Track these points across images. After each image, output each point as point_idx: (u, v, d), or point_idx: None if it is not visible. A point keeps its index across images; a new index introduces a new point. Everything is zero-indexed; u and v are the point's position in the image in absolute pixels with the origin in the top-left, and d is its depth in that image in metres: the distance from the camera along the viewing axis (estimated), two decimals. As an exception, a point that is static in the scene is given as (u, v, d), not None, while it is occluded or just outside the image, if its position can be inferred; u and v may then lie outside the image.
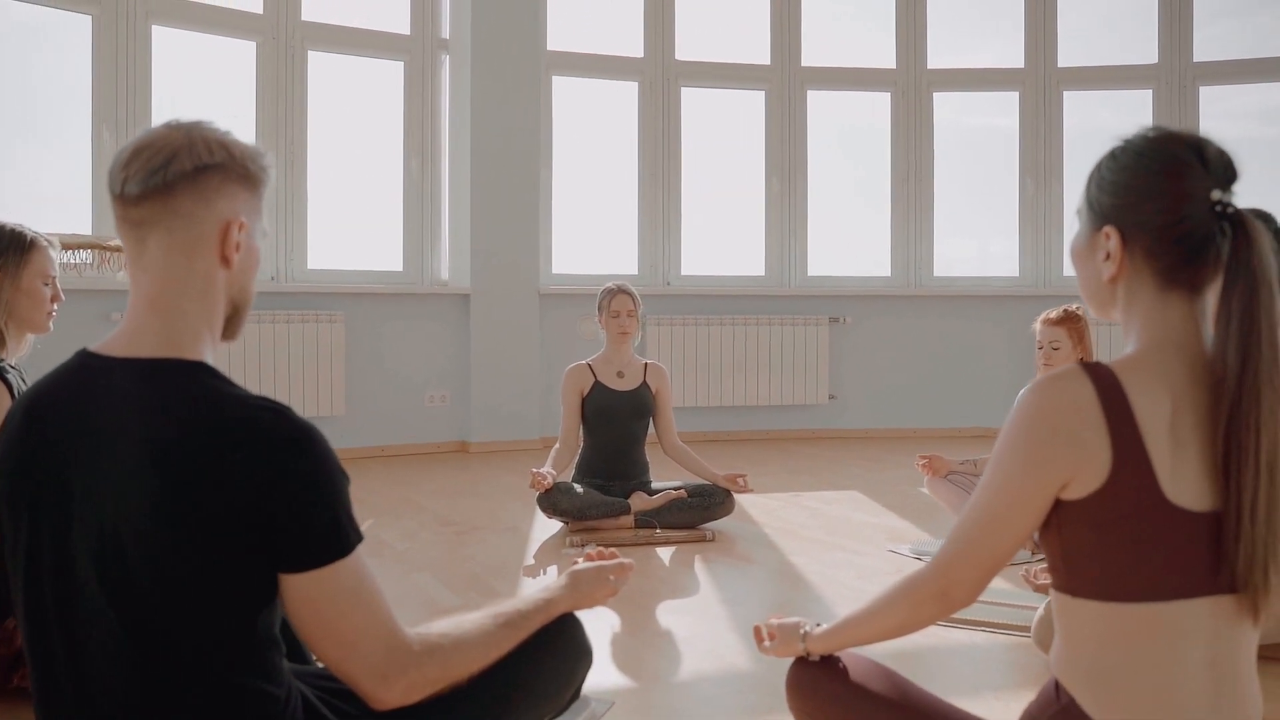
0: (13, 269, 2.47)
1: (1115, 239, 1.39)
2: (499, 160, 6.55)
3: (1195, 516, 1.31)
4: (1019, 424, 1.36)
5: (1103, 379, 1.33)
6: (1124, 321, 1.43)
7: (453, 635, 1.49)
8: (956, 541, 1.44)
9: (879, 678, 1.65)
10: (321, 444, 1.35)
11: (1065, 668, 1.40)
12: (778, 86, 7.28)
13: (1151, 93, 7.29)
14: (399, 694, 1.41)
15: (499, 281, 6.54)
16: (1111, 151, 1.43)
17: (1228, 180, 1.36)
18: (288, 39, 6.24)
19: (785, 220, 7.29)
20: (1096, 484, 1.31)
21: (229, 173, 1.41)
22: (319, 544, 1.33)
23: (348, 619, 1.36)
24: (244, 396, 1.36)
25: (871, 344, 7.21)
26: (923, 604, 1.49)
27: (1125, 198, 1.38)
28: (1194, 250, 1.35)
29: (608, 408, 4.29)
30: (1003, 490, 1.38)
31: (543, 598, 1.66)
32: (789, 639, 1.72)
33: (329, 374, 6.07)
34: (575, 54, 7.00)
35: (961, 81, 7.45)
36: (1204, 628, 1.32)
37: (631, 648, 2.81)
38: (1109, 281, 1.42)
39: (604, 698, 2.40)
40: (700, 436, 6.85)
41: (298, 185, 6.28)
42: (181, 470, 1.28)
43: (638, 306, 4.37)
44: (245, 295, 1.49)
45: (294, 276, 6.26)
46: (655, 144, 7.12)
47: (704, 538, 4.06)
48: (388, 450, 6.33)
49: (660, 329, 6.83)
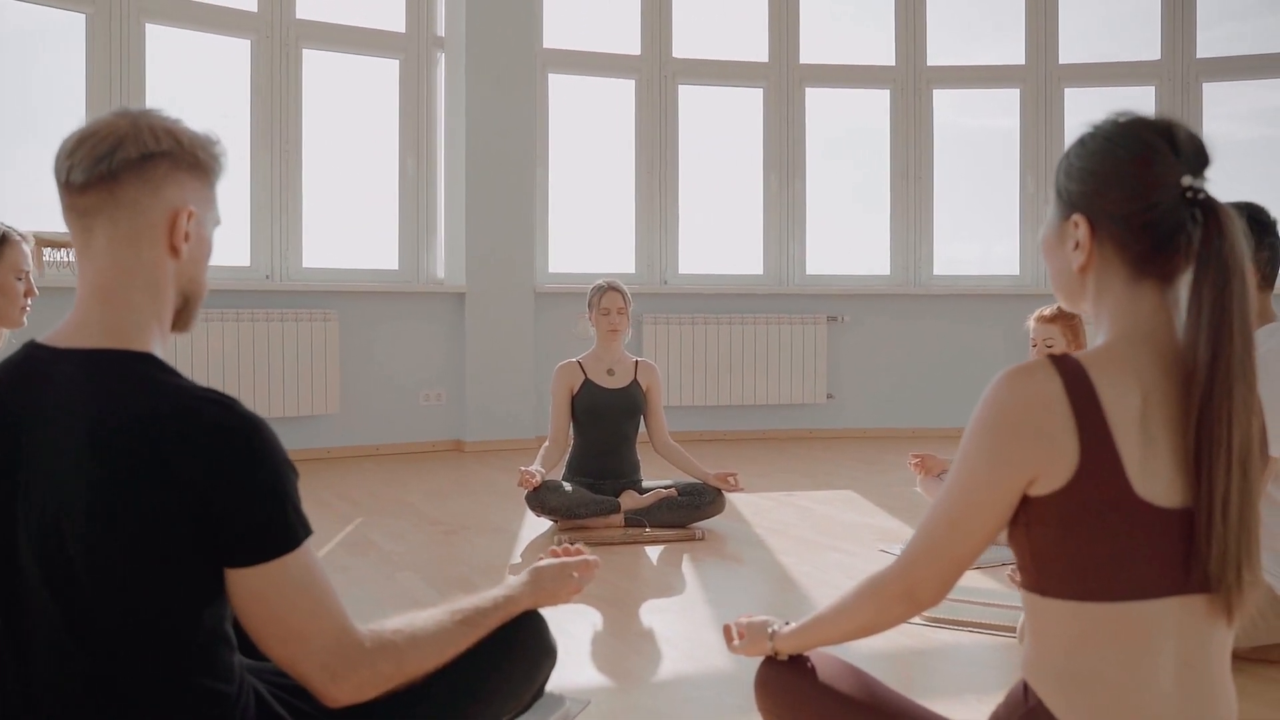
0: (-15, 264, 2.44)
1: (1084, 228, 1.35)
2: (494, 158, 6.52)
3: (1166, 513, 1.27)
4: (983, 419, 1.32)
5: (1070, 371, 1.30)
6: (1094, 313, 1.40)
7: (407, 632, 1.46)
8: (921, 540, 1.40)
9: (847, 678, 1.62)
10: (267, 436, 1.33)
11: (1034, 668, 1.36)
12: (776, 84, 7.24)
13: (1154, 89, 7.24)
14: (350, 691, 1.38)
15: (494, 280, 6.51)
16: (1080, 138, 1.40)
17: (1199, 166, 1.31)
18: (282, 37, 6.21)
19: (784, 218, 7.25)
20: (1063, 480, 1.27)
21: (177, 161, 1.38)
22: (263, 538, 1.30)
23: (295, 615, 1.33)
24: (188, 388, 1.33)
25: (870, 343, 7.17)
26: (888, 604, 1.45)
27: (1093, 185, 1.35)
28: (1164, 238, 1.31)
29: (597, 406, 4.26)
30: (966, 487, 1.34)
31: (503, 595, 1.63)
32: (757, 638, 1.69)
33: (323, 373, 6.04)
34: (571, 51, 6.97)
35: (962, 78, 7.40)
36: (1175, 628, 1.28)
37: (612, 647, 2.78)
38: (1079, 272, 1.38)
39: (580, 697, 2.36)
40: (697, 436, 6.82)
41: (292, 184, 6.25)
42: (122, 462, 1.26)
43: (628, 304, 4.34)
44: (196, 286, 1.46)
45: (289, 275, 6.23)
46: (653, 142, 7.08)
47: (693, 537, 4.03)
48: (382, 449, 6.30)
49: (657, 328, 6.79)
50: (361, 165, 6.66)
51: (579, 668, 2.61)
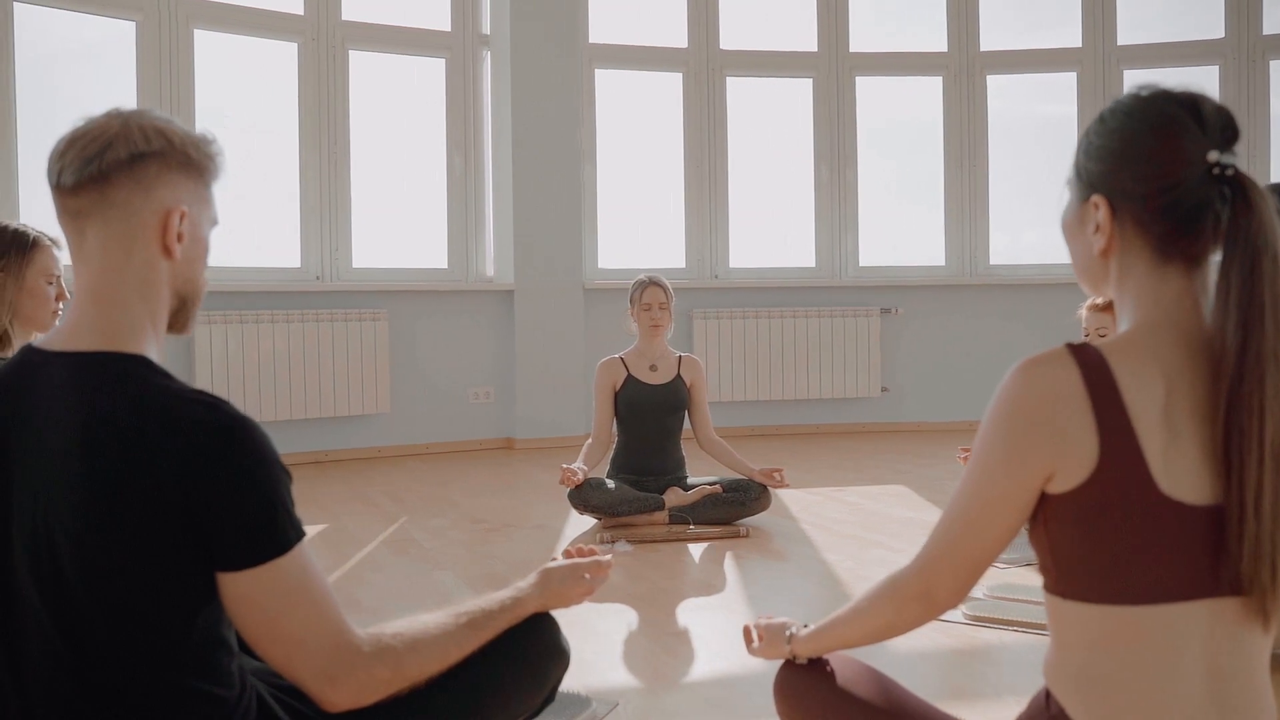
0: (16, 268, 2.47)
1: (1104, 209, 1.27)
2: (542, 155, 6.50)
3: (1193, 510, 1.19)
4: (998, 412, 1.26)
5: (1089, 361, 1.22)
6: (1117, 298, 1.32)
7: (407, 636, 1.43)
8: (938, 540, 1.34)
9: (867, 682, 1.56)
10: (258, 438, 1.30)
11: (1055, 675, 1.29)
12: (826, 74, 7.14)
13: (1218, 69, 7.01)
14: (348, 696, 1.36)
15: (543, 277, 6.50)
16: (1101, 114, 1.32)
17: (1227, 140, 1.23)
18: (329, 39, 6.26)
19: (835, 210, 7.15)
20: (1082, 476, 1.19)
21: (168, 160, 1.36)
22: (254, 542, 1.28)
23: (288, 619, 1.31)
24: (179, 390, 1.31)
25: (925, 335, 7.04)
26: (905, 606, 1.39)
27: (1113, 163, 1.27)
28: (1189, 218, 1.22)
29: (641, 402, 4.22)
30: (982, 485, 1.27)
31: (511, 596, 1.59)
32: (775, 641, 1.64)
33: (373, 372, 6.08)
34: (618, 46, 6.93)
35: (1017, 63, 7.23)
36: (1204, 633, 1.20)
37: (645, 647, 2.73)
38: (1100, 255, 1.30)
39: (608, 699, 2.32)
40: (750, 431, 6.76)
41: (341, 185, 6.30)
42: (112, 465, 1.24)
43: (670, 299, 4.29)
44: (192, 287, 1.44)
45: (339, 276, 6.28)
46: (701, 135, 7.02)
47: (738, 534, 3.97)
48: (432, 448, 6.32)
49: (708, 323, 6.73)
50: (409, 165, 6.69)
51: (610, 668, 2.57)
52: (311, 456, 5.99)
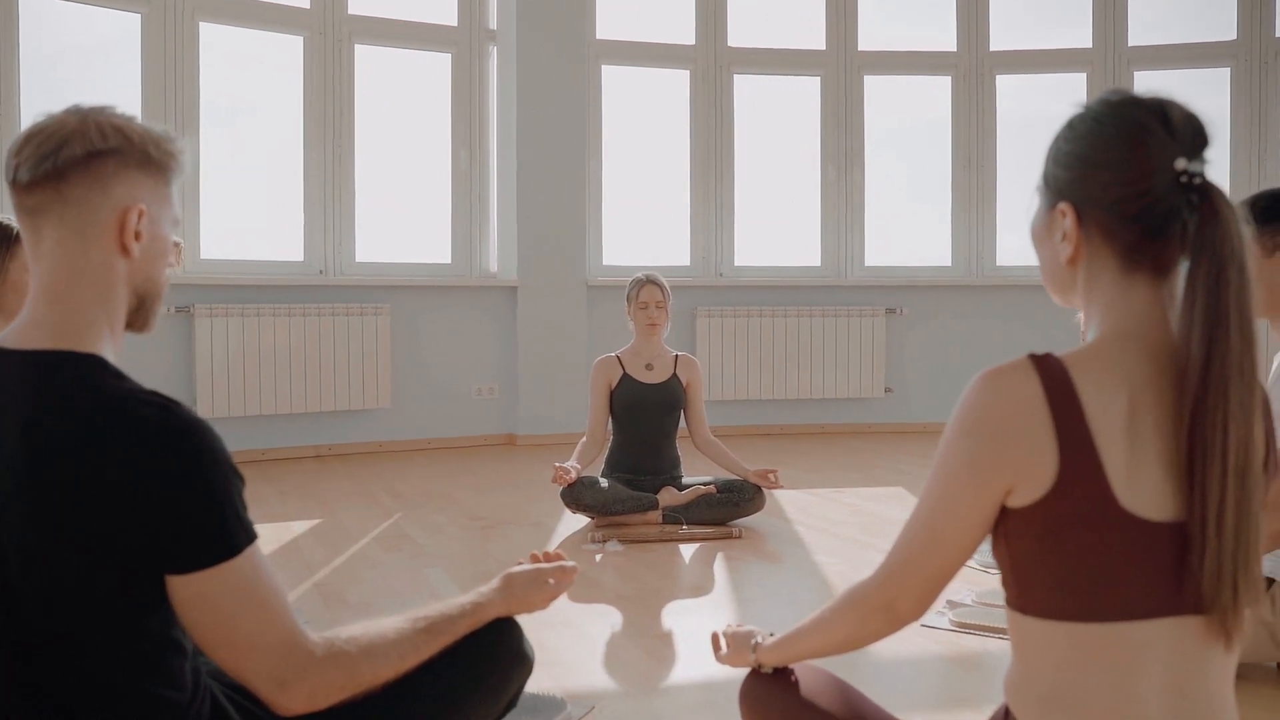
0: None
1: (1071, 217, 1.25)
2: (547, 151, 6.49)
3: (1155, 527, 1.16)
4: (958, 423, 1.24)
5: (1051, 372, 1.20)
6: (1085, 307, 1.30)
7: (362, 640, 1.41)
8: (899, 552, 1.32)
9: (831, 693, 1.54)
10: (208, 440, 1.29)
11: (1015, 692, 1.27)
12: (834, 72, 7.10)
13: (1230, 71, 6.95)
14: (300, 701, 1.34)
15: (547, 273, 6.48)
16: (1069, 120, 1.29)
17: (1196, 147, 1.20)
18: (335, 33, 6.25)
19: (841, 209, 7.11)
20: (1042, 490, 1.17)
21: (125, 158, 1.35)
22: (203, 545, 1.27)
23: (238, 623, 1.29)
24: (131, 391, 1.30)
25: (930, 336, 7.00)
26: (868, 618, 1.37)
27: (1080, 170, 1.24)
28: (1156, 227, 1.20)
29: (636, 401, 4.20)
30: (943, 497, 1.25)
31: (472, 601, 1.58)
32: (740, 649, 1.63)
33: (375, 367, 6.08)
34: (625, 42, 6.90)
35: (1026, 64, 7.18)
36: (1166, 651, 1.17)
37: (627, 649, 2.72)
38: (1067, 264, 1.28)
39: (585, 701, 2.31)
40: (753, 430, 6.74)
41: (345, 179, 6.30)
42: (58, 465, 1.23)
43: (667, 298, 4.27)
44: (152, 286, 1.42)
45: (342, 270, 6.28)
46: (707, 132, 6.99)
47: (731, 534, 3.95)
48: (434, 444, 6.32)
49: (712, 320, 6.71)
50: (414, 159, 6.69)
51: (590, 670, 2.56)
52: (313, 450, 5.99)
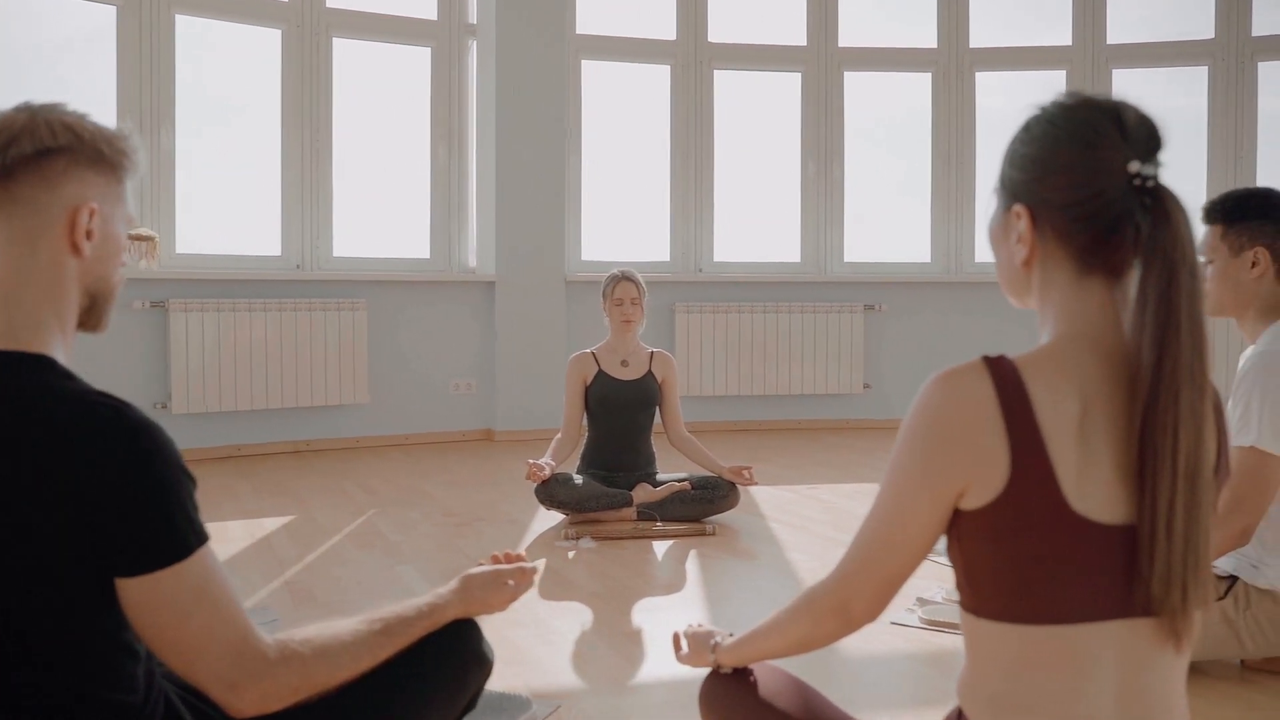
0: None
1: (1025, 219, 1.25)
2: (527, 146, 6.47)
3: (1105, 530, 1.16)
4: (911, 425, 1.23)
5: (1003, 375, 1.20)
6: (1040, 309, 1.30)
7: (316, 642, 1.41)
8: (854, 553, 1.32)
9: (789, 694, 1.54)
10: (158, 441, 1.28)
11: (967, 694, 1.27)
12: (814, 68, 7.10)
13: (1207, 69, 6.98)
14: (252, 703, 1.33)
15: (525, 269, 6.47)
16: (1025, 122, 1.29)
17: (1150, 150, 1.20)
18: (313, 26, 6.22)
19: (821, 205, 7.12)
20: (994, 492, 1.17)
21: (76, 156, 1.34)
22: (152, 547, 1.26)
23: (188, 625, 1.28)
24: (80, 391, 1.29)
25: (908, 332, 7.01)
26: (822, 620, 1.37)
27: (1034, 172, 1.25)
28: (1109, 229, 1.20)
29: (611, 398, 4.19)
30: (896, 499, 1.25)
31: (429, 603, 1.57)
32: (699, 649, 1.63)
33: (352, 362, 6.06)
34: (605, 37, 6.89)
35: (1006, 61, 7.19)
36: (1118, 654, 1.18)
37: (596, 647, 2.71)
38: (1022, 266, 1.28)
39: (550, 700, 2.30)
40: (731, 426, 6.74)
41: (323, 173, 6.26)
42: (7, 467, 1.22)
43: (642, 294, 4.26)
44: (104, 285, 1.41)
45: (319, 265, 6.25)
46: (688, 128, 6.99)
47: (704, 532, 3.95)
48: (411, 439, 6.30)
49: (691, 316, 6.71)
50: (393, 154, 6.66)
51: (558, 668, 2.56)
52: (290, 446, 5.97)
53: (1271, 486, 2.34)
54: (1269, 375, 2.35)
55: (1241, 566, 2.46)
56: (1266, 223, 2.45)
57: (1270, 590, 2.41)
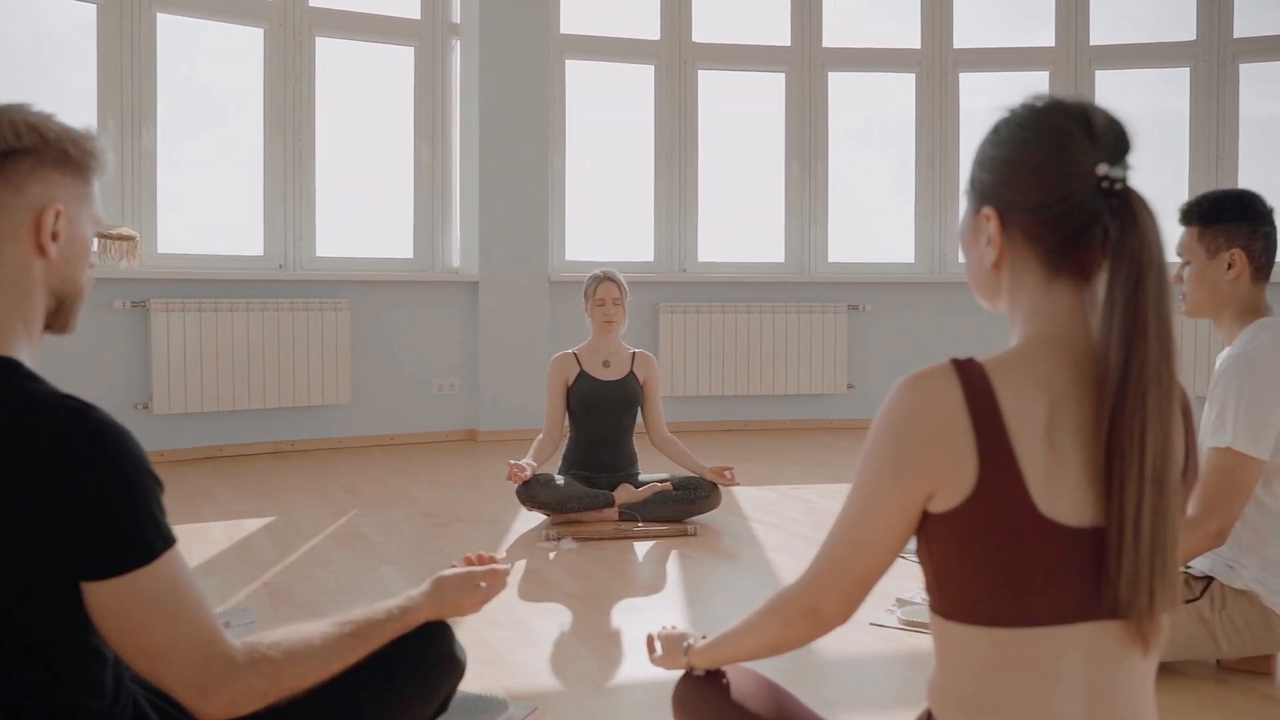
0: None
1: (995, 221, 1.26)
2: (510, 146, 6.46)
3: (1073, 532, 1.17)
4: (880, 428, 1.23)
5: (972, 378, 1.20)
6: (1009, 312, 1.30)
7: (285, 646, 1.40)
8: (824, 555, 1.32)
9: (762, 697, 1.54)
10: (123, 444, 1.27)
11: (937, 696, 1.27)
12: (798, 68, 7.10)
13: (1189, 71, 7.01)
14: (221, 707, 1.33)
15: (509, 269, 6.46)
16: (995, 124, 1.30)
17: (1118, 153, 1.20)
18: (295, 25, 6.19)
19: (805, 206, 7.12)
20: (962, 496, 1.17)
21: (42, 157, 1.33)
22: (118, 550, 1.25)
23: (155, 629, 1.28)
24: (45, 394, 1.28)
25: (892, 332, 7.03)
26: (793, 622, 1.37)
27: (1002, 174, 1.25)
28: (1077, 232, 1.20)
29: (593, 398, 4.19)
30: (864, 502, 1.25)
31: (400, 605, 1.57)
32: (673, 651, 1.63)
33: (334, 363, 6.03)
34: (589, 37, 6.88)
35: (989, 61, 7.21)
36: (1086, 656, 1.18)
37: (574, 648, 2.71)
38: (992, 268, 1.29)
39: (527, 702, 2.30)
40: (715, 426, 6.74)
41: (305, 173, 6.24)
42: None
43: (624, 295, 4.25)
44: (72, 287, 1.40)
45: (302, 264, 6.22)
46: (672, 128, 6.98)
47: (685, 532, 3.94)
48: (395, 440, 6.28)
49: (675, 316, 6.71)
50: (376, 154, 6.64)
51: (536, 670, 2.55)
52: (272, 447, 5.94)
53: (1246, 488, 2.35)
54: (1244, 377, 2.36)
55: (1217, 567, 2.47)
56: (1243, 224, 2.46)
57: (1246, 591, 2.42)
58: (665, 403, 4.36)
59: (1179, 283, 2.57)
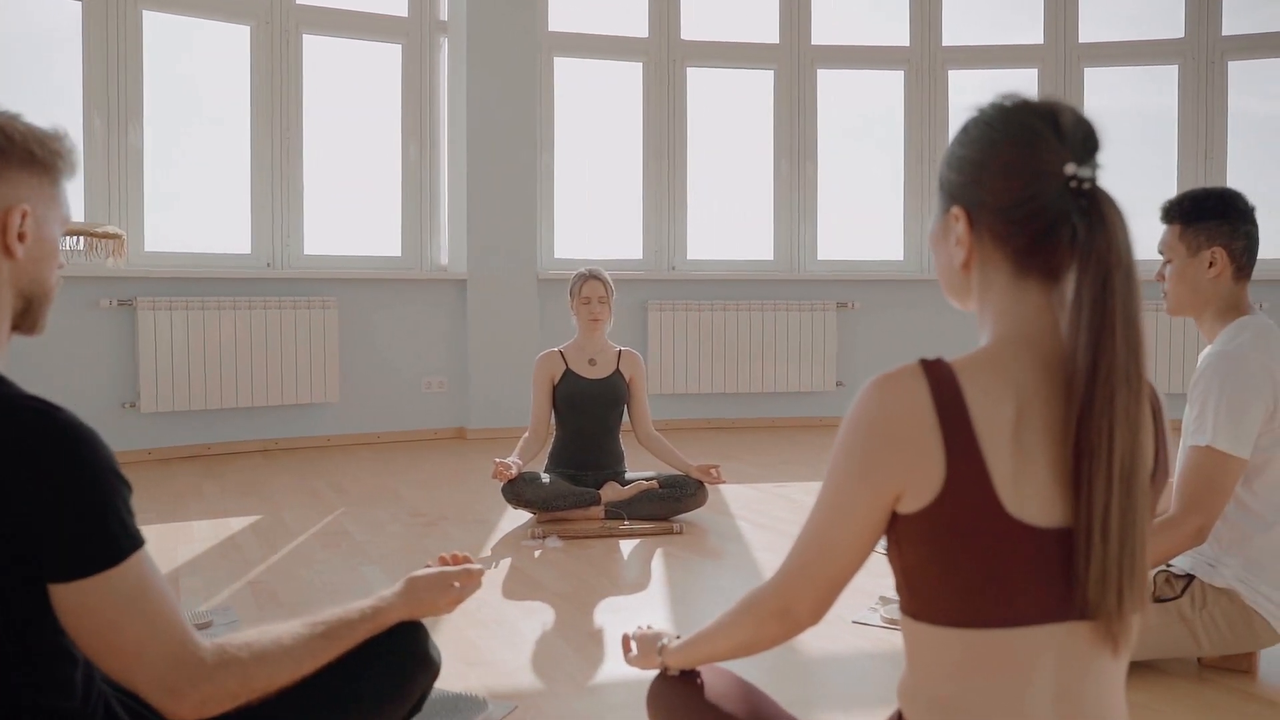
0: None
1: (963, 221, 1.25)
2: (498, 144, 6.45)
3: (1042, 533, 1.16)
4: (849, 428, 1.23)
5: (939, 378, 1.19)
6: (979, 312, 1.30)
7: (256, 647, 1.40)
8: (794, 556, 1.31)
9: (735, 697, 1.54)
10: (90, 445, 1.26)
11: (908, 697, 1.27)
12: (787, 66, 7.10)
13: (1177, 68, 7.02)
14: (191, 708, 1.33)
15: (497, 266, 6.45)
16: (964, 124, 1.30)
17: (1086, 152, 1.20)
18: (282, 22, 6.17)
19: (794, 203, 7.12)
20: (930, 496, 1.17)
21: (7, 158, 1.32)
22: (85, 552, 1.25)
23: (124, 631, 1.27)
24: (12, 396, 1.28)
25: (881, 330, 7.03)
26: (764, 623, 1.37)
27: (971, 174, 1.25)
28: (1045, 232, 1.20)
29: (579, 396, 4.18)
30: (833, 503, 1.25)
31: (372, 606, 1.56)
32: (647, 651, 1.63)
33: (322, 361, 6.02)
34: (577, 35, 6.87)
35: (978, 59, 7.22)
36: (1055, 658, 1.18)
37: (556, 647, 2.70)
38: (961, 268, 1.28)
39: (506, 701, 2.29)
40: (704, 424, 6.74)
41: (293, 171, 6.22)
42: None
43: (610, 293, 4.25)
44: (39, 288, 1.40)
45: (290, 263, 6.21)
46: (660, 126, 6.98)
47: (671, 530, 3.94)
48: (383, 438, 6.27)
49: (664, 314, 6.70)
50: (364, 151, 6.63)
51: (517, 669, 2.54)
52: (260, 445, 5.93)
53: (1227, 486, 2.35)
54: (1225, 375, 2.37)
55: (1198, 565, 2.47)
56: (1224, 223, 2.46)
57: (1227, 589, 2.42)
58: (654, 400, 4.36)
59: (1160, 280, 2.57)
